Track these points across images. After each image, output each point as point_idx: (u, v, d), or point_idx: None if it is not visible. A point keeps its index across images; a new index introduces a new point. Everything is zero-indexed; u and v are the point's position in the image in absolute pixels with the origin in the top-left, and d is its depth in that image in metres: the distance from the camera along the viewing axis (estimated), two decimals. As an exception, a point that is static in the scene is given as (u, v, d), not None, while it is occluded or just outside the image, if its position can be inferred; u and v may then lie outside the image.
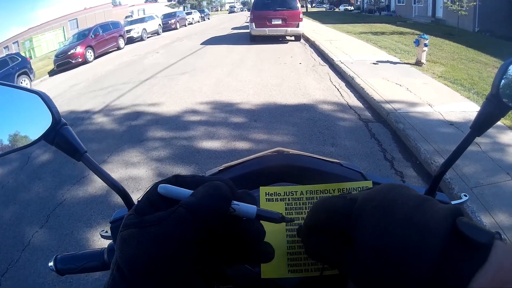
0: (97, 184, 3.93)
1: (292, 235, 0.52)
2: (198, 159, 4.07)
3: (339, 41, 11.68)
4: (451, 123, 4.35)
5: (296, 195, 0.55)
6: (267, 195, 0.54)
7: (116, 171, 4.12)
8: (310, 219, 0.40)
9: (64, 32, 43.46)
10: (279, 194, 0.55)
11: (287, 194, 0.55)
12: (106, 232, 0.84)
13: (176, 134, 4.81)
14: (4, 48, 50.30)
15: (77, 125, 5.88)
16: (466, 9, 17.25)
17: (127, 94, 7.28)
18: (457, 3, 17.22)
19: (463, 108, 4.95)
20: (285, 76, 7.10)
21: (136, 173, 4.00)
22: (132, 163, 4.23)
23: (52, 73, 16.12)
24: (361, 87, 5.73)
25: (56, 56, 16.58)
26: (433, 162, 3.37)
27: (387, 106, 4.82)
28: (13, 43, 49.84)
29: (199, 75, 8.01)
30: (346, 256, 0.35)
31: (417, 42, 7.76)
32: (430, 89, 5.84)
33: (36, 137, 0.73)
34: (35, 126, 1.02)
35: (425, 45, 7.63)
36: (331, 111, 5.06)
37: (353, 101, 5.38)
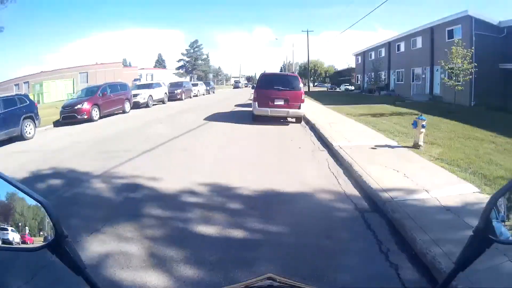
0: (88, 253, 3.82)
1: None
2: (192, 244, 3.99)
3: (339, 124, 12.00)
4: (448, 209, 4.36)
5: None
6: None
7: (108, 243, 4.02)
8: None
9: (73, 83, 45.17)
10: None
11: None
12: None
13: (172, 214, 4.77)
14: (15, 85, 52.30)
15: (75, 185, 5.95)
16: (463, 84, 18.00)
17: (127, 163, 7.39)
18: (454, 78, 18.04)
19: (460, 191, 5.02)
20: (284, 161, 7.24)
21: (128, 249, 3.89)
22: (125, 238, 4.15)
23: (57, 123, 16.49)
24: (359, 174, 5.80)
25: (63, 107, 16.95)
26: (429, 252, 3.31)
27: (384, 194, 4.84)
28: (24, 82, 51.88)
29: (200, 153, 8.17)
30: None
31: (415, 124, 7.96)
32: (427, 173, 5.93)
33: (38, 245, 0.78)
34: (36, 231, 1.08)
35: (423, 126, 7.83)
36: (328, 201, 5.07)
37: (350, 189, 5.42)
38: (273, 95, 12.51)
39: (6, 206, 1.09)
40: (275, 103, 12.49)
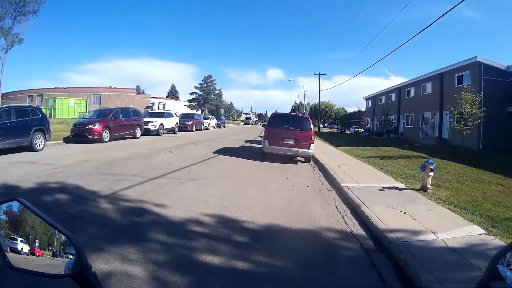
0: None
1: None
2: (196, 271, 3.96)
3: (347, 165, 12.03)
4: (453, 250, 4.36)
5: None
6: None
7: (112, 263, 4.01)
8: None
9: (87, 103, 46.05)
10: None
11: None
12: None
13: (177, 241, 4.77)
14: (29, 96, 53.06)
15: (81, 203, 5.99)
16: (471, 128, 18.11)
17: (135, 187, 7.43)
18: (463, 123, 18.17)
19: (465, 233, 5.03)
20: (291, 198, 7.24)
21: (131, 271, 3.88)
22: (129, 260, 4.13)
23: (67, 140, 16.76)
24: (366, 215, 5.80)
25: (75, 125, 17.35)
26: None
27: (390, 235, 4.84)
28: (38, 95, 52.85)
29: (207, 185, 8.18)
30: None
31: (423, 168, 7.99)
32: (434, 216, 5.94)
33: (63, 273, 0.84)
34: (46, 245, 1.17)
35: (431, 169, 7.86)
36: (334, 239, 5.06)
37: (357, 229, 5.41)
38: (283, 134, 12.66)
39: (18, 218, 1.19)
40: (285, 142, 12.61)
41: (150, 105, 58.60)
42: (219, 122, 45.37)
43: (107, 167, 9.90)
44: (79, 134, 16.62)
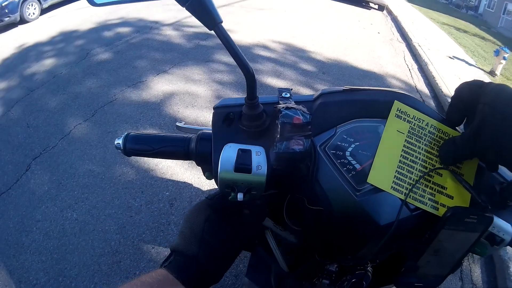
0: (153, 91, 3.97)
1: (406, 156, 0.57)
2: (261, 93, 4.07)
3: (421, 24, 11.15)
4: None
5: (422, 124, 0.58)
6: (398, 111, 0.58)
7: (175, 83, 4.15)
8: (457, 90, 0.54)
9: None
10: (408, 115, 0.58)
11: (415, 119, 0.58)
12: (184, 123, 0.84)
13: None
14: None
15: (144, 32, 5.93)
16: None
17: None
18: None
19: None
20: (361, 40, 6.90)
21: (194, 90, 4.03)
22: (192, 80, 4.26)
23: None
24: (432, 75, 5.58)
25: None
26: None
27: (452, 102, 4.75)
28: None
29: (276, 16, 7.84)
30: (470, 116, 0.52)
31: (497, 52, 7.40)
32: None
33: None
34: None
35: (504, 58, 7.27)
36: (398, 88, 4.93)
37: (421, 85, 5.25)
38: None
39: None
40: None
41: None
42: None
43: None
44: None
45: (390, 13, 12.06)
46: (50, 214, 2.51)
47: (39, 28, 6.15)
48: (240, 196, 0.57)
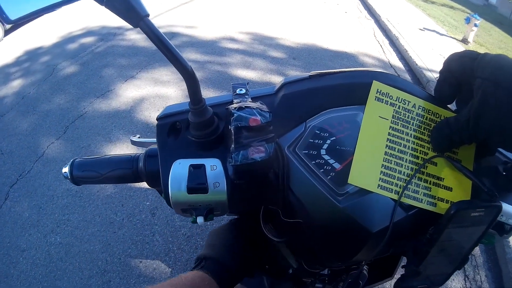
0: (122, 99, 3.93)
1: (392, 147, 0.48)
2: (227, 89, 3.99)
3: (388, 0, 11.22)
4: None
5: (407, 105, 0.50)
6: (378, 93, 0.49)
7: (144, 88, 4.11)
8: (446, 63, 0.49)
9: None
10: (390, 97, 0.50)
11: (399, 101, 0.50)
12: (139, 137, 0.74)
13: (211, 59, 4.74)
14: None
15: (108, 40, 5.78)
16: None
17: (162, 15, 6.95)
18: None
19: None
20: (329, 21, 6.85)
21: (164, 92, 4.00)
22: (161, 82, 4.22)
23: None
24: (405, 49, 5.60)
25: None
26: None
27: (428, 74, 4.75)
28: None
29: (240, 4, 7.64)
30: (464, 92, 0.47)
31: (468, 20, 7.45)
32: (473, 67, 5.73)
33: None
34: None
35: (475, 25, 7.33)
36: (371, 65, 4.92)
37: (395, 60, 5.26)
38: None
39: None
40: None
41: None
42: None
43: None
44: None
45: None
46: (34, 241, 2.45)
47: (4, 50, 5.99)
48: (200, 220, 0.50)
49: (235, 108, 0.47)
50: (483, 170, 0.51)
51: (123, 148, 3.19)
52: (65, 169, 0.59)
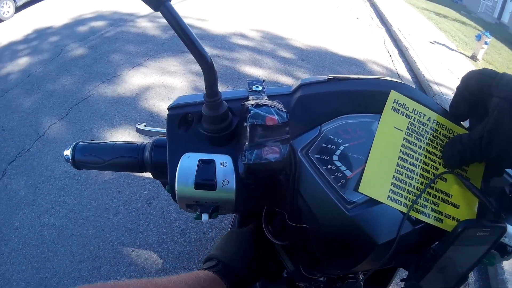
0: (128, 85, 3.92)
1: (404, 159, 0.48)
2: (238, 83, 4.00)
3: (401, 10, 11.18)
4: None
5: (422, 118, 0.50)
6: (395, 103, 0.49)
7: (151, 76, 4.10)
8: (464, 79, 0.48)
9: None
10: (407, 108, 0.49)
11: (415, 113, 0.49)
12: (145, 125, 0.72)
13: (219, 53, 4.73)
14: None
15: (118, 25, 5.78)
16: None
17: (177, 4, 6.95)
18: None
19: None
20: (340, 26, 6.85)
21: (170, 82, 3.98)
22: (168, 72, 4.20)
23: None
24: (414, 60, 5.58)
25: None
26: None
27: (435, 87, 4.74)
28: None
29: (253, 2, 7.64)
30: (479, 110, 0.46)
31: (478, 37, 7.43)
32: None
33: None
34: None
35: (486, 43, 7.31)
36: (379, 74, 4.89)
37: (403, 71, 5.24)
38: None
39: None
40: None
41: None
42: None
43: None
44: None
45: (368, -2, 12.03)
46: (28, 220, 2.44)
47: (14, 27, 5.98)
48: (204, 217, 0.49)
49: (252, 105, 0.45)
50: (490, 190, 0.51)
51: (124, 135, 3.18)
52: (67, 152, 0.58)
